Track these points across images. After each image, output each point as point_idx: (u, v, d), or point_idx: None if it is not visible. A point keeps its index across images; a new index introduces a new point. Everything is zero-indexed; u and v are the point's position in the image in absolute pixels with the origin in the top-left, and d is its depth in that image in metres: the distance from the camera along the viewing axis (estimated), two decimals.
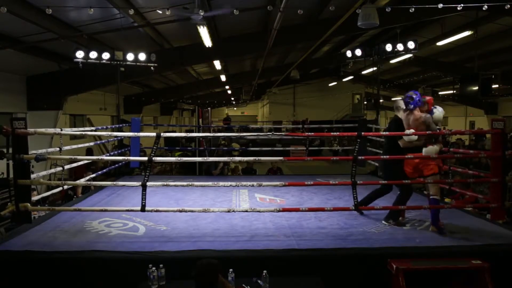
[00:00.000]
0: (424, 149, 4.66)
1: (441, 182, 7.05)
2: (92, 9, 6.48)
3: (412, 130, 4.64)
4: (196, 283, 2.97)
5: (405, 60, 13.49)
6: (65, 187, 6.25)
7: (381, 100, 23.26)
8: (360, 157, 4.65)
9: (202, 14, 6.69)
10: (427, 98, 4.99)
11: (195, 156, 10.20)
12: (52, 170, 6.20)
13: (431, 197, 4.73)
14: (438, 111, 5.00)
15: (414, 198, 6.26)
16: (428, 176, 4.69)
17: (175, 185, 5.14)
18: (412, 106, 4.66)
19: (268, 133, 8.97)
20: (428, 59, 15.82)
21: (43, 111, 10.40)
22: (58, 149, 5.61)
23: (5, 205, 4.58)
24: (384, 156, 5.78)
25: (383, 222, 4.89)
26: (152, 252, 3.86)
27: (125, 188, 6.52)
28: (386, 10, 7.14)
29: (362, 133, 4.73)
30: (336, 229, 4.70)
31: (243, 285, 3.40)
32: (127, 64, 8.42)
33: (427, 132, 4.49)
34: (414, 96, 4.66)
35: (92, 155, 11.43)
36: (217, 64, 13.07)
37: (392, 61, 14.20)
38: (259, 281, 3.43)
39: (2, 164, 4.26)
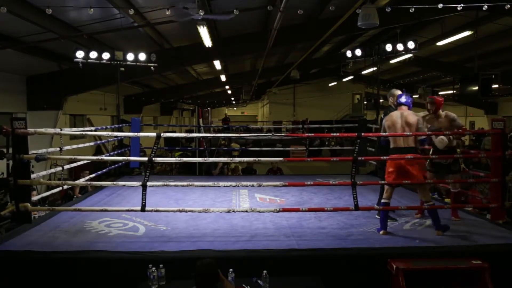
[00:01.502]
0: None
1: (441, 182, 7.04)
2: (92, 9, 6.47)
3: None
4: (197, 283, 2.97)
5: (405, 60, 13.49)
6: (65, 187, 6.26)
7: (381, 100, 23.20)
8: (360, 158, 4.65)
9: (202, 14, 6.69)
10: (439, 99, 5.12)
11: (195, 156, 10.20)
12: (52, 170, 6.20)
13: (424, 204, 4.60)
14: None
15: (414, 198, 6.29)
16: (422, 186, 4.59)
17: (175, 185, 5.14)
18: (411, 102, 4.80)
19: (268, 134, 8.99)
20: (428, 59, 15.81)
21: (43, 111, 10.41)
22: (58, 149, 5.61)
23: (5, 205, 4.58)
24: (385, 157, 5.79)
25: (375, 205, 5.01)
26: (152, 252, 3.86)
27: (125, 188, 6.52)
28: (386, 10, 7.14)
29: (362, 133, 4.73)
30: (336, 229, 4.70)
31: (243, 285, 3.40)
32: (127, 64, 8.42)
33: (427, 133, 4.48)
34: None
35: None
36: (217, 64, 13.07)
37: (392, 61, 14.19)
38: (259, 281, 3.43)
39: (2, 164, 4.26)
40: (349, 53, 9.42)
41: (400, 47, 8.67)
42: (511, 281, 3.88)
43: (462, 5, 7.01)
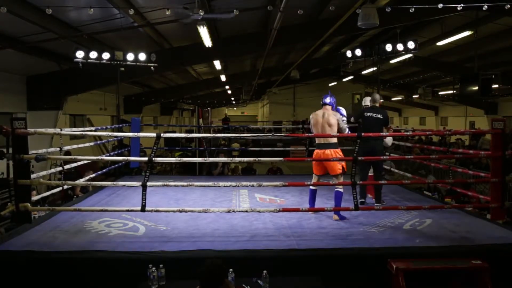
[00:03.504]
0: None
1: (441, 182, 7.06)
2: (92, 9, 6.48)
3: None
4: (202, 282, 2.91)
5: (405, 60, 13.48)
6: (65, 187, 6.26)
7: (381, 100, 23.14)
8: (360, 158, 4.65)
9: (202, 14, 6.69)
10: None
11: (195, 156, 10.20)
12: (52, 170, 6.20)
13: (335, 189, 5.14)
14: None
15: (414, 198, 6.30)
16: (337, 175, 5.13)
17: (175, 185, 5.14)
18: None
19: (268, 134, 8.99)
20: (428, 59, 15.79)
21: (43, 111, 10.40)
22: (58, 149, 5.61)
23: (5, 205, 4.58)
24: (385, 157, 5.80)
25: (376, 205, 5.62)
26: (152, 252, 3.86)
27: (125, 188, 6.53)
28: (386, 10, 7.14)
29: (362, 133, 4.73)
30: (336, 229, 4.70)
31: (243, 285, 3.40)
32: (127, 64, 8.42)
33: (426, 133, 4.48)
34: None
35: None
36: (217, 64, 13.06)
37: (392, 61, 14.18)
38: (259, 281, 3.43)
39: (2, 164, 4.26)
40: (349, 53, 9.42)
41: (400, 47, 8.68)
42: (511, 281, 3.88)
43: (462, 5, 7.01)
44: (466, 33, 10.62)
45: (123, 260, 3.80)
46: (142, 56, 8.42)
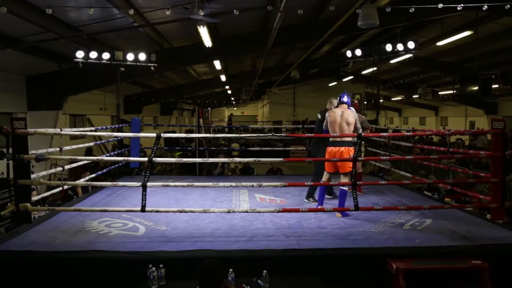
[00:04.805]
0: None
1: (441, 182, 7.07)
2: (92, 9, 6.48)
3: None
4: (200, 282, 2.90)
5: (405, 60, 13.47)
6: (65, 187, 6.26)
7: (381, 100, 23.19)
8: (360, 158, 4.66)
9: (202, 14, 6.69)
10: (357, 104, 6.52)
11: (195, 156, 10.20)
12: (52, 170, 6.20)
13: (340, 188, 5.26)
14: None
15: (414, 198, 6.31)
16: (346, 173, 5.15)
17: (175, 185, 5.14)
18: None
19: (269, 134, 9.00)
20: (428, 59, 15.78)
21: (43, 111, 10.40)
22: (58, 149, 5.61)
23: (5, 205, 4.58)
24: (385, 157, 5.80)
25: (305, 200, 5.96)
26: (152, 252, 3.87)
27: (125, 188, 6.52)
28: (386, 10, 7.14)
29: (362, 134, 4.73)
30: (336, 229, 4.70)
31: (243, 285, 3.40)
32: (127, 64, 8.43)
33: (426, 133, 4.47)
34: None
35: (91, 155, 11.40)
36: (217, 64, 13.06)
37: (392, 61, 14.16)
38: (259, 281, 3.43)
39: (2, 164, 4.26)
40: (349, 53, 9.43)
41: (400, 47, 8.69)
42: (511, 281, 3.88)
43: (462, 5, 7.01)
44: (466, 33, 10.61)
45: (123, 260, 3.81)
46: (142, 56, 8.42)
